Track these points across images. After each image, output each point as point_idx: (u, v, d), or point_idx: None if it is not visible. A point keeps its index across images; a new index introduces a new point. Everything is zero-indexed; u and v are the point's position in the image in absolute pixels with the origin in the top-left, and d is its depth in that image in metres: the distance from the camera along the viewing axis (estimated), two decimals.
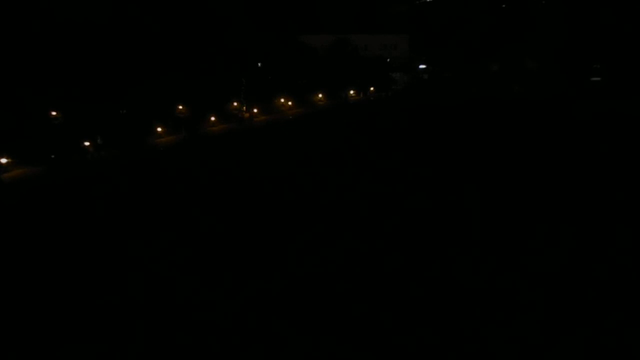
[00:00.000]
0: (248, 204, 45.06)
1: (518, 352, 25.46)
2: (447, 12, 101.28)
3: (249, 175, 52.47)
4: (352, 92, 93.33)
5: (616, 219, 38.58)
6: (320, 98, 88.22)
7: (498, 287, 30.64)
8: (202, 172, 54.60)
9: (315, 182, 49.54)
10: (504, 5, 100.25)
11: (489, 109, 76.19)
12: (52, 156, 54.61)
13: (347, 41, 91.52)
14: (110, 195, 47.95)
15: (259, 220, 41.87)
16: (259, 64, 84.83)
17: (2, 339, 28.50)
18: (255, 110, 76.33)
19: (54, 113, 60.54)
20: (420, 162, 54.93)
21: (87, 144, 58.23)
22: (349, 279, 32.62)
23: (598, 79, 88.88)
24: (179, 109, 68.56)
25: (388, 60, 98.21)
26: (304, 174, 52.67)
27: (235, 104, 76.02)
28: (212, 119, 70.73)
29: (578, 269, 32.05)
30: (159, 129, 64.63)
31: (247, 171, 54.13)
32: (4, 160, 51.98)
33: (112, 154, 59.29)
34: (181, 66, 70.81)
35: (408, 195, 45.59)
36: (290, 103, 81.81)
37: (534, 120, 69.23)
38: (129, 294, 32.22)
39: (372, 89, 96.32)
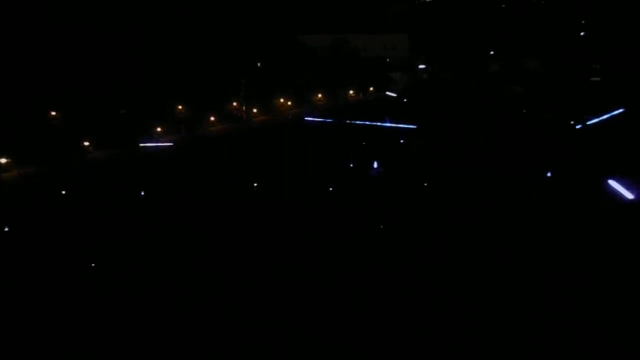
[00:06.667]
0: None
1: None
2: (447, 12, 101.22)
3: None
4: (351, 92, 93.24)
5: None
6: (320, 98, 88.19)
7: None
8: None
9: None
10: (503, 5, 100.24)
11: None
12: (52, 156, 54.52)
13: (347, 41, 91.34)
14: (108, 194, 48.07)
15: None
16: (259, 64, 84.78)
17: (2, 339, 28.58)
18: (254, 110, 76.21)
19: (53, 113, 60.56)
20: None
21: (86, 143, 58.15)
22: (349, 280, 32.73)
23: (598, 79, 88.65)
24: (178, 108, 68.55)
25: (388, 60, 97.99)
26: None
27: (234, 104, 75.97)
28: (212, 118, 70.68)
29: None
30: (158, 129, 64.56)
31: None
32: (3, 160, 51.96)
33: (111, 154, 59.22)
34: (181, 66, 70.87)
35: None
36: (289, 103, 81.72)
37: None
38: (128, 293, 32.30)
39: (371, 89, 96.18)
